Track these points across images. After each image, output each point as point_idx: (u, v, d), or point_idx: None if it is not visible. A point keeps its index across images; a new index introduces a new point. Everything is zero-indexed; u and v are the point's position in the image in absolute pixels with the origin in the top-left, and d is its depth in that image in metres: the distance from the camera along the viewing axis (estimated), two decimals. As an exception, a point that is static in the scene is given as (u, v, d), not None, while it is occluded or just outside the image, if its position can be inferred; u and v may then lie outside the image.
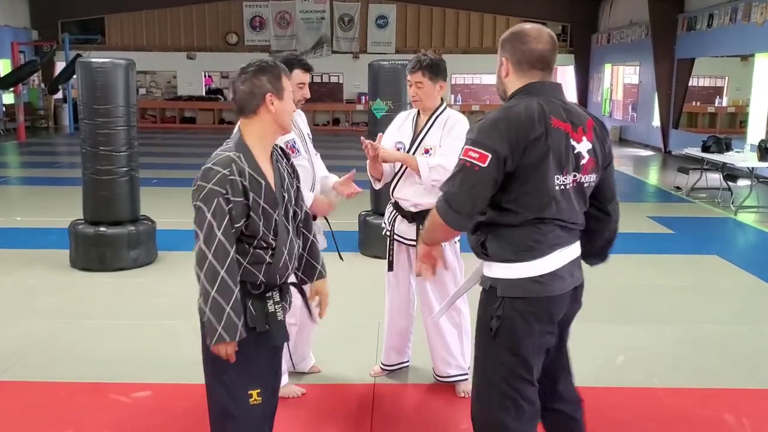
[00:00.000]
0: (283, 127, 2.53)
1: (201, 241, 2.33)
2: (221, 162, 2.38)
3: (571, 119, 2.39)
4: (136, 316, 5.23)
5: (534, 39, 2.43)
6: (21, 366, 4.30)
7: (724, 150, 10.95)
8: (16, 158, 16.13)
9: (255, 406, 2.48)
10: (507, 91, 2.49)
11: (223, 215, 2.33)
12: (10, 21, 21.55)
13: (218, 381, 2.49)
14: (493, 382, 2.47)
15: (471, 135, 2.35)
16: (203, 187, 2.35)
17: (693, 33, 16.13)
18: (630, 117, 20.83)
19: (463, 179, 2.31)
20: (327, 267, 3.32)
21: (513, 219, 2.36)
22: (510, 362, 2.43)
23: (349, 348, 4.61)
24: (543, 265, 2.39)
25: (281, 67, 2.49)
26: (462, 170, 2.32)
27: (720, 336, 4.96)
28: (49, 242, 7.27)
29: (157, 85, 25.18)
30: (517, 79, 2.45)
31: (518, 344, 2.41)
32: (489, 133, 2.31)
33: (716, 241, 8.12)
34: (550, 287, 2.40)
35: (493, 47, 25.36)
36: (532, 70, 2.43)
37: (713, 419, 3.70)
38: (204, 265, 2.32)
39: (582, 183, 2.44)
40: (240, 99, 2.46)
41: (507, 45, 2.48)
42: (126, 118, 6.31)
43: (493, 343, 2.44)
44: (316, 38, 23.80)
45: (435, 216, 2.40)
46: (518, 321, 2.40)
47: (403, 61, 6.81)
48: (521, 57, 2.43)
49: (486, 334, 2.45)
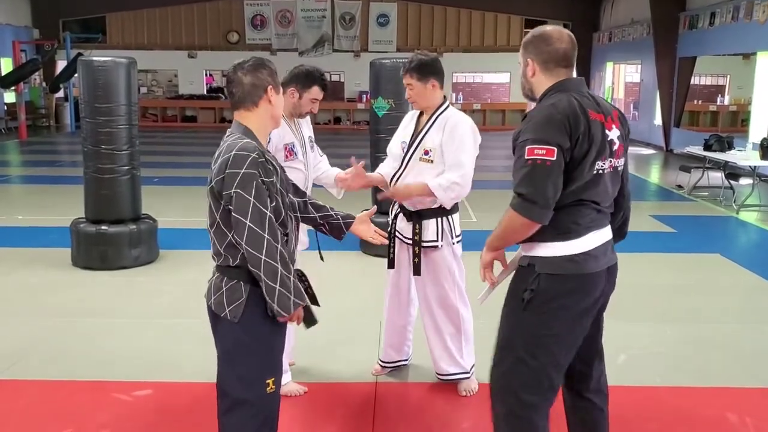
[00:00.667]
0: (277, 121, 2.64)
1: (251, 225, 2.37)
2: (247, 147, 2.43)
3: (602, 110, 2.56)
4: (138, 314, 5.23)
5: (557, 39, 2.59)
6: (22, 364, 4.30)
7: (725, 148, 10.93)
8: (17, 157, 16.14)
9: (271, 395, 2.54)
10: (535, 90, 2.64)
11: (264, 195, 2.40)
12: (11, 20, 21.56)
13: (236, 372, 2.51)
14: (514, 348, 2.57)
15: (529, 135, 2.45)
16: (236, 173, 2.38)
17: (695, 31, 16.11)
18: (631, 115, 20.80)
19: (539, 176, 2.41)
20: (325, 264, 3.33)
21: (556, 202, 2.48)
22: (537, 332, 2.54)
23: (350, 346, 4.60)
24: (580, 245, 2.53)
25: (274, 66, 2.63)
26: (534, 169, 2.41)
27: (722, 335, 4.95)
28: (51, 241, 7.27)
29: (159, 84, 25.19)
30: (546, 78, 2.60)
31: (549, 315, 2.52)
32: (547, 129, 2.43)
33: (718, 240, 8.11)
34: (585, 266, 2.53)
35: (494, 45, 25.40)
36: (558, 68, 2.59)
37: (716, 418, 3.69)
38: (263, 246, 2.37)
39: (617, 167, 2.63)
40: (243, 91, 2.53)
41: (531, 47, 2.63)
42: (127, 116, 6.31)
43: (522, 313, 2.55)
44: (317, 37, 23.80)
45: (515, 218, 2.46)
46: (551, 294, 2.51)
47: (404, 60, 6.79)
48: (547, 57, 2.59)
49: (517, 305, 2.57)
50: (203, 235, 2.71)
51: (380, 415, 3.69)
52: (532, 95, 2.66)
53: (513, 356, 2.57)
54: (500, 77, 24.58)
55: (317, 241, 3.93)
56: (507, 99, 24.71)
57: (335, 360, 4.36)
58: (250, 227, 2.37)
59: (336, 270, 5.91)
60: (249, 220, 2.37)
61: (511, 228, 2.52)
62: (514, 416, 2.58)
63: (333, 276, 5.69)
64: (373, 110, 6.80)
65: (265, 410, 2.55)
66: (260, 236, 2.37)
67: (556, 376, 2.59)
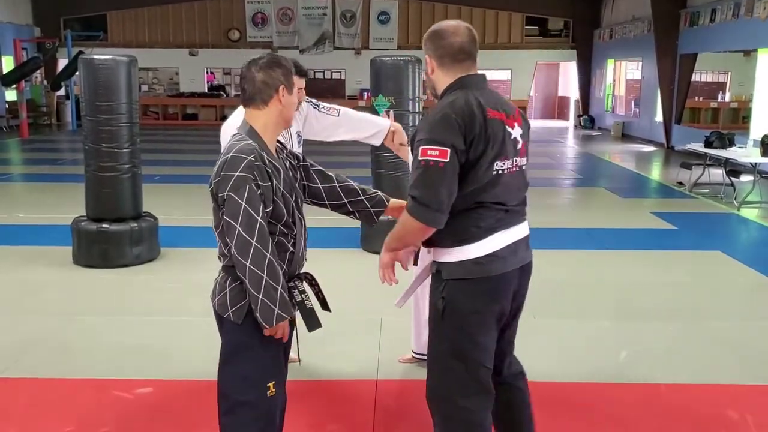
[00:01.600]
0: (288, 121, 2.60)
1: (240, 230, 2.33)
2: (244, 149, 2.39)
3: (504, 108, 2.53)
4: (139, 312, 5.24)
5: (452, 34, 2.54)
6: (24, 362, 4.31)
7: (726, 145, 10.92)
8: (18, 155, 16.15)
9: (271, 398, 2.52)
10: (437, 88, 2.59)
11: (257, 200, 2.35)
12: (12, 18, 21.56)
13: (238, 374, 2.50)
14: (440, 358, 2.59)
15: (424, 135, 2.41)
16: (230, 176, 2.35)
17: (695, 28, 16.09)
18: (632, 112, 20.80)
19: (432, 178, 2.36)
20: (326, 262, 3.33)
21: (454, 206, 2.44)
22: (457, 339, 2.53)
23: (351, 344, 4.61)
24: (483, 248, 2.49)
25: (291, 63, 2.58)
26: (427, 170, 2.37)
27: (723, 332, 4.95)
28: (52, 239, 7.27)
29: (160, 82, 25.18)
30: (444, 75, 2.55)
31: (463, 322, 2.52)
32: (442, 130, 2.39)
33: (719, 237, 8.11)
34: (491, 267, 2.49)
35: (495, 43, 25.39)
36: (454, 64, 2.53)
37: (716, 416, 3.69)
38: (249, 252, 2.33)
39: (521, 167, 2.60)
40: (254, 88, 2.48)
41: (428, 43, 2.58)
42: (128, 114, 6.31)
43: (441, 323, 2.55)
44: (318, 34, 23.78)
45: (409, 221, 2.44)
46: (461, 300, 2.50)
47: (406, 57, 6.81)
48: (443, 52, 2.54)
49: (435, 315, 2.57)
50: (204, 232, 2.72)
51: (381, 412, 3.70)
52: (435, 93, 2.61)
53: (441, 366, 2.59)
54: (501, 74, 24.56)
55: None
56: (508, 96, 24.59)
57: (336, 357, 4.36)
58: (240, 232, 2.34)
59: (337, 267, 5.92)
60: (239, 224, 2.33)
61: (405, 230, 2.50)
62: (452, 420, 2.59)
63: (334, 273, 5.70)
64: (374, 108, 6.79)
65: (265, 413, 2.53)
66: (248, 242, 2.33)
67: (485, 377, 2.58)
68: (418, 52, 3.99)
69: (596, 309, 5.38)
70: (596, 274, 6.36)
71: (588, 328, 4.99)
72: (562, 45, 24.31)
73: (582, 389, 4.00)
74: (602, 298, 5.61)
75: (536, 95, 27.34)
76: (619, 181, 12.56)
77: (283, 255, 2.51)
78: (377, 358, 4.31)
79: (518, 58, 23.82)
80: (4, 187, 11.41)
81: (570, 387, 4.03)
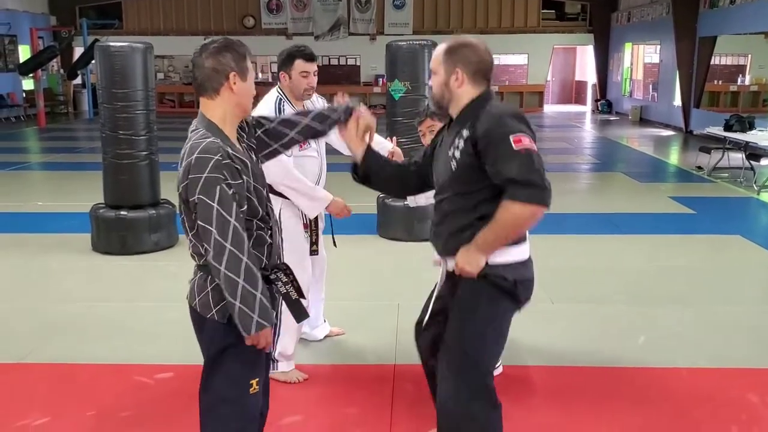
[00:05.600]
0: (245, 110, 2.44)
1: (215, 234, 2.21)
2: (209, 149, 2.25)
3: None
4: (158, 298, 5.28)
5: (484, 51, 2.59)
6: (45, 348, 4.36)
7: (746, 129, 10.81)
8: (36, 144, 16.27)
9: (253, 395, 2.45)
10: (459, 99, 2.56)
11: (229, 201, 2.23)
12: (28, 7, 21.66)
13: (223, 372, 2.42)
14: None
15: (510, 126, 2.41)
16: (198, 178, 2.22)
17: (715, 10, 15.87)
18: (651, 96, 20.59)
19: (537, 163, 2.38)
20: (342, 248, 3.30)
21: None
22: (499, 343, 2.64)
23: (369, 328, 4.61)
24: (527, 248, 2.59)
25: (245, 48, 2.42)
26: (530, 156, 2.37)
27: (743, 316, 4.91)
28: (71, 226, 7.33)
29: (175, 70, 25.20)
30: (472, 88, 2.56)
31: (506, 322, 2.62)
32: (519, 123, 2.44)
33: (739, 221, 8.03)
34: (532, 269, 2.62)
35: (511, 27, 25.12)
36: (483, 80, 2.58)
37: (736, 398, 3.67)
38: (223, 257, 2.21)
39: None
40: (202, 76, 2.35)
41: (459, 55, 2.57)
42: (145, 101, 6.33)
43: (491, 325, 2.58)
44: (333, 20, 23.69)
45: (524, 209, 2.38)
46: (510, 301, 2.58)
47: (422, 41, 6.77)
48: (477, 68, 2.56)
49: (485, 317, 2.57)
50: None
51: (399, 396, 3.70)
52: (446, 106, 2.59)
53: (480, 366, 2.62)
54: (518, 59, 24.39)
55: (331, 227, 3.94)
56: (525, 81, 24.53)
57: (354, 342, 4.38)
58: (215, 236, 2.21)
59: (354, 253, 5.92)
60: (213, 227, 2.21)
61: (518, 221, 2.42)
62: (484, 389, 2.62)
63: (350, 259, 5.71)
64: (390, 93, 6.77)
65: (247, 410, 2.46)
66: (222, 247, 2.21)
67: None
68: (434, 37, 3.97)
69: (614, 294, 5.35)
70: (614, 258, 6.32)
71: (606, 313, 4.97)
72: (579, 29, 24.06)
73: (601, 374, 3.99)
74: (620, 283, 5.58)
75: (553, 79, 27.13)
76: (638, 165, 12.45)
77: (262, 249, 2.42)
78: (395, 342, 4.31)
79: (535, 43, 23.62)
80: (23, 176, 11.50)
81: (589, 371, 4.02)
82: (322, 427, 3.45)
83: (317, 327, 4.34)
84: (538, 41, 23.68)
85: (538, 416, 3.51)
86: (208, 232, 2.23)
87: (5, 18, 20.12)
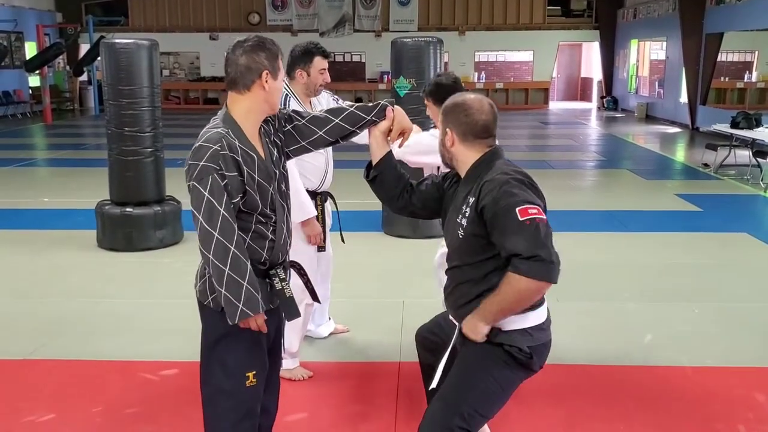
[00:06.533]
0: (273, 107, 2.47)
1: (203, 221, 2.27)
2: (211, 138, 2.32)
3: None
4: (163, 295, 5.28)
5: (477, 110, 2.51)
6: (51, 345, 4.37)
7: (753, 126, 10.76)
8: (42, 140, 16.31)
9: (250, 388, 2.44)
10: (459, 160, 2.56)
11: (220, 191, 2.27)
12: (34, 4, 21.70)
13: (218, 362, 2.43)
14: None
15: (516, 196, 2.35)
16: (195, 165, 2.28)
17: (722, 6, 15.80)
18: (657, 93, 20.52)
19: (544, 235, 2.32)
20: (347, 246, 3.30)
21: None
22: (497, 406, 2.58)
23: (373, 327, 4.61)
24: (545, 309, 2.54)
25: (278, 47, 2.45)
26: (538, 228, 2.31)
27: (750, 314, 4.89)
28: (77, 223, 7.35)
29: (180, 67, 25.24)
30: (467, 149, 2.53)
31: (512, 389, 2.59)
32: (525, 191, 2.38)
33: (745, 219, 8.00)
34: (549, 330, 2.58)
35: (517, 23, 25.11)
36: (477, 140, 2.52)
37: (743, 397, 3.66)
38: (211, 245, 2.26)
39: None
40: (236, 72, 2.40)
41: (450, 116, 2.55)
42: (150, 98, 6.33)
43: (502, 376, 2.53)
44: (338, 17, 23.66)
45: (529, 284, 2.32)
46: (524, 371, 2.55)
47: (427, 38, 6.75)
48: (466, 129, 2.51)
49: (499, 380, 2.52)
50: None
51: (404, 394, 3.70)
52: (451, 164, 2.61)
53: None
54: (523, 56, 24.33)
55: (339, 223, 3.94)
56: (530, 78, 24.48)
57: (359, 339, 4.38)
58: (202, 223, 2.27)
59: (358, 250, 5.92)
60: (202, 216, 2.27)
61: (523, 295, 2.35)
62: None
63: (355, 257, 5.70)
64: (395, 90, 6.75)
65: (244, 403, 2.45)
66: (209, 234, 2.26)
67: None
68: (439, 34, 3.98)
69: (621, 291, 5.34)
70: (620, 256, 6.31)
71: (613, 311, 4.96)
72: (584, 25, 23.99)
73: (608, 372, 3.98)
74: (627, 281, 5.57)
75: (559, 76, 27.07)
76: (643, 162, 12.42)
77: (263, 243, 2.43)
78: (400, 340, 4.31)
79: (540, 39, 23.56)
80: (30, 172, 11.53)
81: (595, 370, 4.01)
82: (326, 425, 3.45)
83: (322, 324, 4.35)
84: (543, 38, 23.61)
85: (543, 414, 3.50)
86: (196, 219, 2.30)
87: (11, 15, 20.17)
